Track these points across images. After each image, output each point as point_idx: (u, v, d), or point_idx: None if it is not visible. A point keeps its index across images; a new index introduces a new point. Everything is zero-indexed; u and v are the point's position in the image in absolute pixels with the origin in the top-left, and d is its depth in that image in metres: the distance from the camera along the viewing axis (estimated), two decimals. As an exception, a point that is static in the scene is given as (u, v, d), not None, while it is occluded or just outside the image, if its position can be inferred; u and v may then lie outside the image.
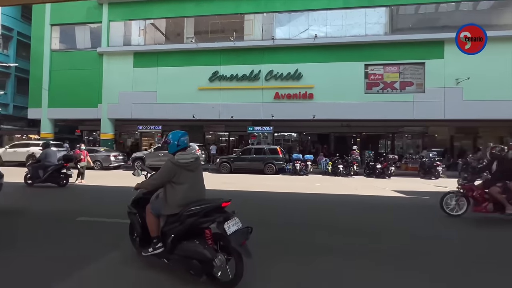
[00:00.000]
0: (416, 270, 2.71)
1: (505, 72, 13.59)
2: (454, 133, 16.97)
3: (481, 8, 15.10)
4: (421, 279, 2.52)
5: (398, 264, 2.88)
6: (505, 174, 4.75)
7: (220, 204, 2.27)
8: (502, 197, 4.54)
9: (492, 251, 3.43)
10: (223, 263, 2.13)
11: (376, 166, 12.05)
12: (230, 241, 2.06)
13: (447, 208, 5.04)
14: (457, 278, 2.59)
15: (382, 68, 15.44)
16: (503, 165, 4.84)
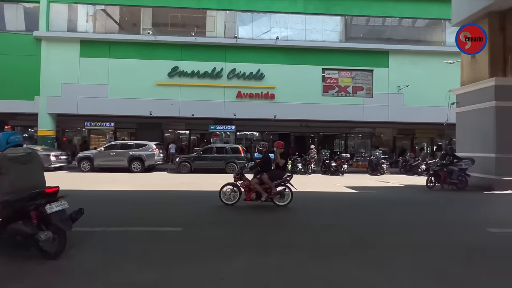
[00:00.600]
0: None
1: (437, 81, 15.71)
2: (396, 134, 19.10)
3: (418, 25, 17.25)
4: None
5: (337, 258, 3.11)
6: (262, 167, 5.66)
7: (43, 190, 2.70)
8: (260, 187, 5.31)
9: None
10: (49, 238, 2.55)
11: (331, 164, 12.91)
12: (51, 218, 2.58)
13: (223, 198, 5.59)
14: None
15: (337, 72, 16.57)
16: (261, 160, 5.87)
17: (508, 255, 3.21)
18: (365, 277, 2.53)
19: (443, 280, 2.50)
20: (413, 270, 2.73)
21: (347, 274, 2.62)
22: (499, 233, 4.07)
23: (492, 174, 8.71)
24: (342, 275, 2.60)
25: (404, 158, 14.70)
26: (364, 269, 2.73)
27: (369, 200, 6.83)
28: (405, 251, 3.27)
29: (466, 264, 2.94)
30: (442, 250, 3.33)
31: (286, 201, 5.51)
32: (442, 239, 3.78)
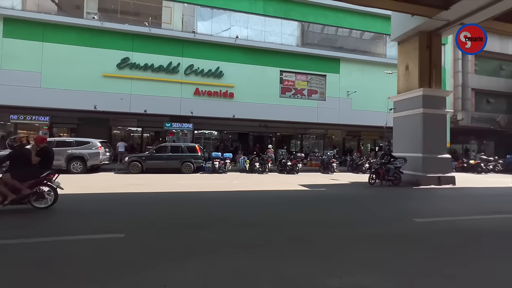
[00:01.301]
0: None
1: (379, 89, 17.55)
2: (345, 135, 20.81)
3: (365, 38, 19.05)
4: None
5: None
6: (12, 165, 4.84)
7: None
8: (4, 188, 4.55)
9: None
10: None
11: (287, 163, 13.40)
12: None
13: None
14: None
15: (294, 75, 17.29)
16: (6, 156, 5.03)
17: (429, 240, 3.72)
18: (303, 271, 2.65)
19: (377, 269, 2.76)
20: (350, 261, 2.96)
21: (288, 270, 2.70)
22: (423, 222, 4.71)
23: (419, 171, 10.10)
24: (284, 271, 2.67)
25: (351, 158, 16.08)
26: (305, 263, 2.86)
27: (319, 197, 7.26)
28: (346, 243, 3.54)
29: (395, 252, 3.31)
30: (377, 240, 3.70)
31: (48, 202, 4.88)
32: (377, 230, 4.20)
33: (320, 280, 2.49)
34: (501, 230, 4.43)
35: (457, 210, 5.95)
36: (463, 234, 4.10)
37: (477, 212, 5.60)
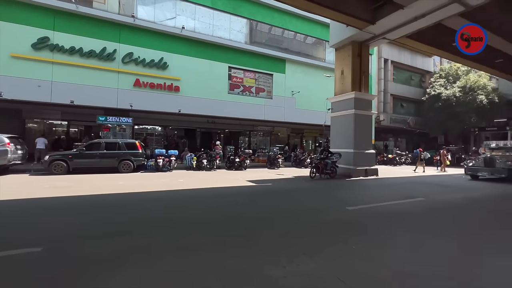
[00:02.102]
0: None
1: (320, 90, 19.16)
2: (290, 132, 22.09)
3: (308, 42, 20.44)
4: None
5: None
6: None
7: None
8: None
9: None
10: None
11: (235, 159, 13.48)
12: None
13: None
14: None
15: (242, 72, 17.41)
16: None
17: (358, 225, 4.27)
18: (249, 265, 2.73)
19: (316, 255, 3.03)
20: (293, 251, 3.16)
21: (234, 266, 2.74)
22: (353, 210, 5.36)
23: (351, 165, 11.47)
24: (230, 268, 2.70)
25: (295, 153, 17.18)
26: (251, 257, 2.94)
27: (265, 192, 7.53)
28: (289, 234, 3.77)
29: (332, 238, 3.68)
30: (316, 229, 4.05)
31: None
32: (316, 220, 4.61)
33: (266, 272, 2.59)
34: (411, 211, 5.39)
35: (380, 197, 6.98)
36: (385, 217, 4.85)
37: (395, 198, 6.68)
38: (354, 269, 2.72)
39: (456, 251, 3.28)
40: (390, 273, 2.65)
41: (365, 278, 2.53)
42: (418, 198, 6.73)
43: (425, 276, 2.60)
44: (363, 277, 2.54)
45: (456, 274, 2.66)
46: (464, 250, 3.34)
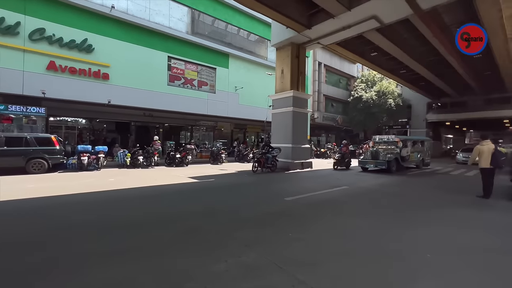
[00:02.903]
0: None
1: (262, 87, 19.80)
2: (233, 128, 22.23)
3: (251, 39, 20.77)
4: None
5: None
6: None
7: None
8: None
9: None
10: None
11: (176, 155, 12.80)
12: None
13: None
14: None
15: (183, 64, 16.53)
16: None
17: (296, 214, 4.64)
18: (191, 263, 2.69)
19: (257, 246, 3.17)
20: (235, 244, 3.24)
21: (175, 265, 2.65)
22: (291, 200, 5.80)
23: (289, 159, 12.33)
24: (171, 267, 2.60)
25: (238, 149, 17.42)
26: (192, 254, 2.90)
27: (208, 187, 7.42)
28: (231, 228, 3.83)
29: (272, 228, 3.91)
30: (258, 220, 4.24)
31: None
32: (258, 212, 4.81)
33: (208, 268, 2.58)
34: (339, 198, 6.16)
35: (314, 187, 7.74)
36: (317, 205, 5.41)
37: (326, 187, 7.51)
38: (291, 254, 2.96)
39: (372, 228, 3.93)
40: (322, 254, 2.99)
41: (300, 261, 2.80)
42: (343, 187, 7.74)
43: (352, 253, 3.04)
44: (298, 261, 2.80)
45: (374, 249, 3.20)
46: (377, 226, 4.03)
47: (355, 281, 2.44)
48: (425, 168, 14.07)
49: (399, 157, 11.73)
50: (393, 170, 11.40)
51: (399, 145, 12.00)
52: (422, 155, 13.88)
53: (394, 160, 11.46)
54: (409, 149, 12.61)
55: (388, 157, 11.46)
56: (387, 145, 12.66)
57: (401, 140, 12.16)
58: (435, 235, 3.70)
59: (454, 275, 2.57)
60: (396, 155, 11.64)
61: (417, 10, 9.42)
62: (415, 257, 2.96)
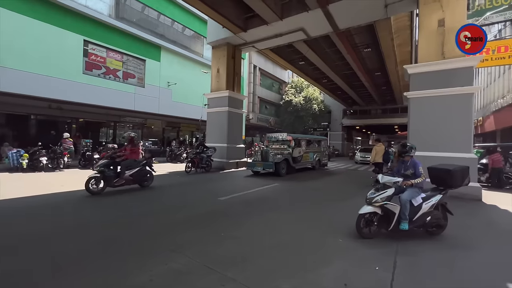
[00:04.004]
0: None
1: (197, 85, 19.18)
2: (166, 126, 20.77)
3: (186, 33, 19.83)
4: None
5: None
6: None
7: None
8: None
9: None
10: None
11: (94, 156, 11.09)
12: None
13: None
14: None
15: (105, 51, 14.45)
16: None
17: (230, 212, 4.68)
18: (111, 276, 2.40)
19: (186, 250, 3.05)
20: (161, 251, 3.05)
21: (91, 283, 2.32)
22: (225, 199, 5.83)
23: (224, 158, 12.38)
24: (91, 281, 2.26)
25: (170, 148, 16.40)
26: (114, 266, 2.59)
27: (133, 191, 6.71)
28: (158, 234, 3.58)
29: (203, 230, 3.84)
30: (189, 223, 4.09)
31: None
32: (190, 214, 4.65)
33: (130, 281, 2.35)
34: (268, 195, 6.53)
35: (247, 186, 7.98)
36: (250, 203, 5.60)
37: (258, 186, 7.84)
38: (222, 253, 2.98)
39: (295, 221, 4.34)
40: (254, 250, 3.12)
41: (232, 259, 2.85)
42: (274, 184, 8.27)
43: (280, 245, 3.27)
44: (230, 259, 2.84)
45: (298, 240, 3.52)
46: (302, 219, 4.47)
47: (281, 272, 2.64)
48: (322, 169, 13.64)
49: (290, 158, 10.60)
50: (283, 173, 10.11)
51: (292, 144, 11.04)
52: (318, 155, 13.09)
53: (283, 162, 10.22)
54: (302, 149, 11.56)
55: (277, 158, 10.12)
56: (280, 144, 11.50)
57: (293, 139, 11.21)
58: (344, 222, 4.37)
59: (362, 251, 3.09)
60: (287, 156, 10.48)
61: (335, 28, 10.90)
62: (333, 241, 3.43)
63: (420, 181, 3.53)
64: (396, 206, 3.45)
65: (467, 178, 3.72)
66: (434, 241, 3.57)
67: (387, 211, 3.48)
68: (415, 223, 3.53)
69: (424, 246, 3.35)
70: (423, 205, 3.52)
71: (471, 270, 2.75)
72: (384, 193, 3.47)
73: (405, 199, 3.45)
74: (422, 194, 3.61)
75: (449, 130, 6.96)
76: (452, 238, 3.68)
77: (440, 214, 3.67)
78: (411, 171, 3.71)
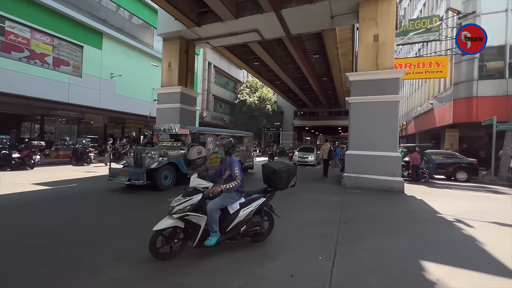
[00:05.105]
0: None
1: (146, 78, 17.76)
2: (108, 121, 18.73)
3: (134, 22, 18.17)
4: None
5: None
6: None
7: None
8: None
9: None
10: None
11: (12, 155, 9.32)
12: None
13: None
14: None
15: (29, 31, 12.26)
16: None
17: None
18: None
19: (131, 257, 2.81)
20: (103, 259, 2.75)
21: None
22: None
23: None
24: None
25: (114, 146, 14.87)
26: (48, 279, 2.23)
27: (64, 196, 5.87)
28: (99, 241, 3.23)
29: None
30: (132, 228, 3.78)
31: None
32: (132, 219, 4.29)
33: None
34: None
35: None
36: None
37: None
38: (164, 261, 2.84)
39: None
40: (197, 251, 3.04)
41: (177, 263, 2.73)
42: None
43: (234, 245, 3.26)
44: (177, 263, 2.72)
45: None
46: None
47: (228, 270, 2.65)
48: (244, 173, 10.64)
49: (182, 162, 7.13)
50: (164, 186, 6.65)
51: (188, 141, 7.70)
52: (239, 157, 9.89)
53: (166, 168, 6.72)
54: (210, 147, 8.36)
55: (154, 163, 6.51)
56: (173, 141, 8.01)
57: (191, 133, 7.84)
58: (293, 216, 4.63)
59: (308, 243, 3.31)
60: (176, 158, 7.08)
61: (288, 33, 11.42)
62: (282, 236, 3.59)
63: (233, 186, 2.86)
64: (202, 217, 2.79)
65: (293, 179, 3.35)
66: (375, 227, 4.07)
67: (192, 224, 2.78)
68: (229, 234, 2.98)
69: (366, 232, 3.79)
70: (240, 212, 3.00)
71: (398, 251, 3.23)
72: (188, 200, 2.75)
73: (211, 208, 2.81)
74: (242, 199, 3.07)
75: (381, 132, 7.99)
76: (385, 224, 4.24)
77: (261, 221, 3.22)
78: (228, 172, 3.03)
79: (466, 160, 10.97)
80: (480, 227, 4.40)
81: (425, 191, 8.02)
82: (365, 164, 8.03)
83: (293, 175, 3.35)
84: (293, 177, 3.35)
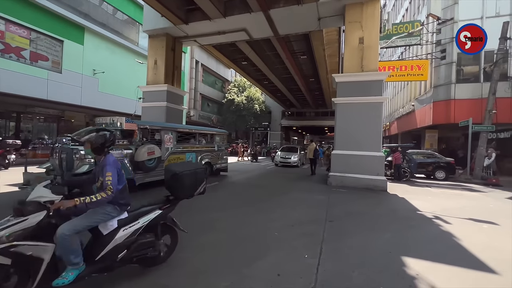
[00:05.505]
0: None
1: (130, 76, 17.27)
2: (90, 120, 18.03)
3: (118, 17, 17.59)
4: None
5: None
6: None
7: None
8: None
9: None
10: None
11: (-16, 154, 8.76)
12: None
13: None
14: None
15: (4, 23, 11.59)
16: None
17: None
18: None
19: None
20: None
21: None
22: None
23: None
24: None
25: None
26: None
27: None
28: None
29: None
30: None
31: None
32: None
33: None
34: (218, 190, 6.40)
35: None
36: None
37: (208, 182, 7.59)
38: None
39: (234, 216, 4.39)
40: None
41: (160, 265, 2.68)
42: (214, 183, 8.19)
43: (221, 242, 3.23)
44: (160, 265, 2.67)
45: (241, 235, 3.56)
46: (237, 215, 4.55)
47: (216, 266, 2.64)
48: (215, 177, 9.26)
49: (127, 165, 5.91)
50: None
51: (135, 138, 6.40)
52: (207, 157, 8.87)
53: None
54: (154, 147, 6.66)
55: (85, 167, 5.09)
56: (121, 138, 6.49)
57: (141, 128, 6.60)
58: (280, 215, 4.67)
59: (295, 242, 3.35)
60: (123, 159, 5.85)
61: (276, 33, 11.48)
62: (269, 235, 3.61)
63: (99, 199, 1.98)
64: (45, 246, 1.85)
65: (201, 185, 2.65)
66: (360, 224, 4.18)
67: (25, 258, 1.78)
68: (100, 264, 2.10)
69: (350, 229, 3.88)
70: (119, 233, 2.18)
71: (381, 248, 3.33)
72: (18, 223, 1.81)
73: (63, 234, 1.88)
74: (124, 214, 2.28)
75: (365, 132, 8.22)
76: (369, 221, 4.37)
77: (153, 241, 2.40)
78: (101, 179, 2.20)
79: (444, 159, 11.51)
80: (457, 223, 4.63)
81: (407, 189, 8.34)
82: (350, 163, 8.23)
83: (201, 180, 2.64)
84: (201, 183, 2.65)
